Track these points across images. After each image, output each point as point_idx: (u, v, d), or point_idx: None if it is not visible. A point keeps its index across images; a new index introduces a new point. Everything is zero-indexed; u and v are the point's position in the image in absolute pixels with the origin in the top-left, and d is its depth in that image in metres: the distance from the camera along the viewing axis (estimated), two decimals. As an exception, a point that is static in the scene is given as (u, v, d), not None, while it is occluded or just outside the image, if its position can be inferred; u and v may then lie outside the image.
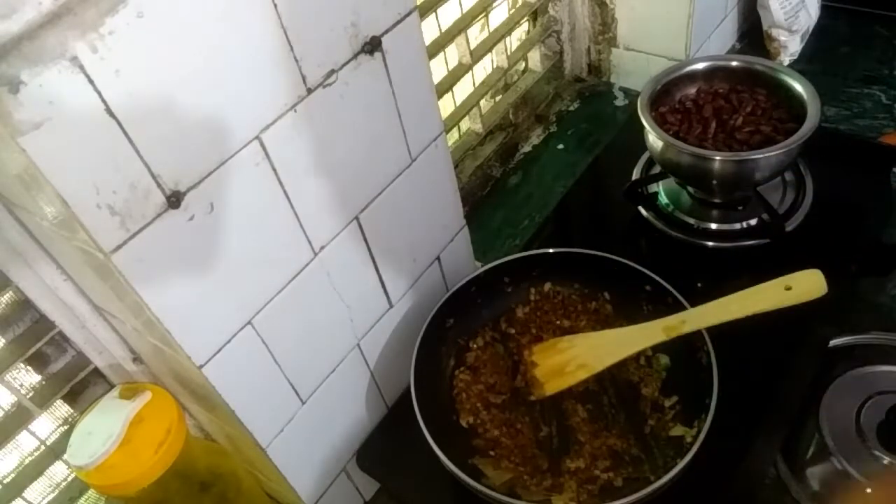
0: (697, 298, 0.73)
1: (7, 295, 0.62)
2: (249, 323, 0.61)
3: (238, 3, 0.49)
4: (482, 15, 1.10)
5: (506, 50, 1.17)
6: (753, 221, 0.91)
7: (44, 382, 0.67)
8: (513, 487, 0.69)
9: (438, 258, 0.83)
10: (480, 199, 1.15)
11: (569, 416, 0.74)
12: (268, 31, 0.52)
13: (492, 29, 1.15)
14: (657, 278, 0.77)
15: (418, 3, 0.67)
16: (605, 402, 0.75)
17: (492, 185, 1.17)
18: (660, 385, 0.75)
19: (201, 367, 0.58)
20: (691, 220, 0.93)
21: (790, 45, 1.24)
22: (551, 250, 0.83)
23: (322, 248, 0.65)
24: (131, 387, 0.68)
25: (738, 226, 0.91)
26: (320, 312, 0.68)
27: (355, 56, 0.60)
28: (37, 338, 0.64)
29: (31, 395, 0.67)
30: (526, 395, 0.75)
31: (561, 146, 1.23)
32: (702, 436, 0.64)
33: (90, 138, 0.44)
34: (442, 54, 1.04)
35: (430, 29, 1.03)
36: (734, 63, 0.94)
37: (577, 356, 0.73)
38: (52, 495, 0.72)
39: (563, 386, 0.72)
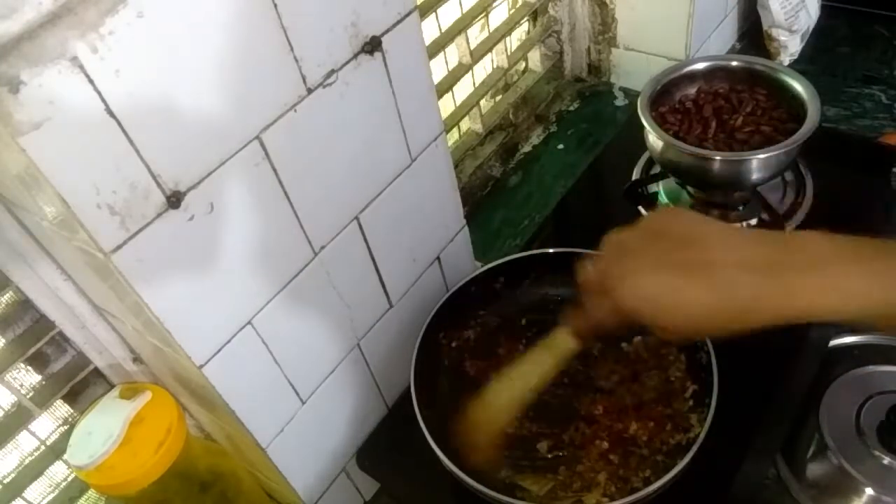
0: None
1: (7, 295, 0.62)
2: (249, 323, 0.61)
3: (238, 3, 0.49)
4: (482, 15, 1.10)
5: (506, 50, 1.17)
6: (753, 221, 0.91)
7: (44, 382, 0.67)
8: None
9: (438, 258, 0.83)
10: (480, 199, 1.15)
11: (569, 420, 0.74)
12: (268, 31, 0.52)
13: (492, 29, 1.15)
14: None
15: (418, 3, 0.67)
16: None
17: (492, 185, 1.17)
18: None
19: (201, 367, 0.58)
20: (691, 220, 0.93)
21: (790, 45, 1.24)
22: (551, 250, 0.83)
23: (322, 248, 0.65)
24: (131, 387, 0.68)
25: (737, 226, 0.91)
26: (320, 312, 0.68)
27: (355, 56, 0.60)
28: (37, 338, 0.64)
29: (31, 395, 0.67)
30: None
31: (561, 146, 1.22)
32: (702, 436, 0.64)
33: (90, 138, 0.44)
34: (442, 54, 1.04)
35: (430, 29, 1.03)
36: (734, 63, 0.94)
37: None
38: (52, 495, 0.72)
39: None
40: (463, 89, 1.12)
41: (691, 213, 0.51)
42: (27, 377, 0.66)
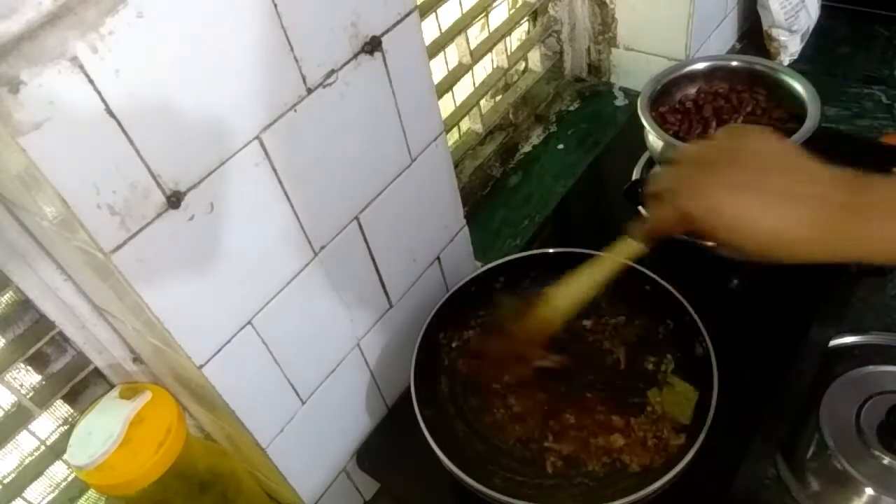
0: (697, 299, 0.73)
1: (7, 295, 0.62)
2: (249, 323, 0.61)
3: (238, 3, 0.49)
4: (482, 15, 1.10)
5: (506, 50, 1.17)
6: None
7: (44, 382, 0.67)
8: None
9: (438, 258, 0.83)
10: (480, 199, 1.15)
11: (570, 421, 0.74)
12: (268, 32, 0.52)
13: (492, 29, 1.15)
14: (657, 278, 0.77)
15: (418, 3, 0.67)
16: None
17: (492, 185, 1.17)
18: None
19: (201, 367, 0.58)
20: (691, 220, 0.93)
21: (790, 45, 1.24)
22: (551, 250, 0.83)
23: (322, 248, 0.65)
24: (131, 387, 0.68)
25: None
26: (320, 312, 0.68)
27: (355, 56, 0.60)
28: (37, 338, 0.64)
29: (31, 395, 0.67)
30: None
31: (561, 146, 1.23)
32: (702, 435, 0.64)
33: (90, 138, 0.44)
34: (442, 54, 1.04)
35: (430, 29, 1.03)
36: (734, 63, 0.94)
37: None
38: (52, 495, 0.72)
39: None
40: (463, 89, 1.12)
41: (773, 134, 0.50)
42: (27, 377, 0.67)
